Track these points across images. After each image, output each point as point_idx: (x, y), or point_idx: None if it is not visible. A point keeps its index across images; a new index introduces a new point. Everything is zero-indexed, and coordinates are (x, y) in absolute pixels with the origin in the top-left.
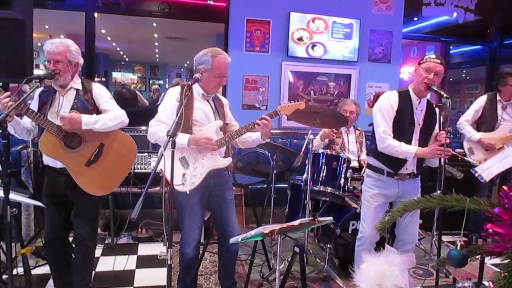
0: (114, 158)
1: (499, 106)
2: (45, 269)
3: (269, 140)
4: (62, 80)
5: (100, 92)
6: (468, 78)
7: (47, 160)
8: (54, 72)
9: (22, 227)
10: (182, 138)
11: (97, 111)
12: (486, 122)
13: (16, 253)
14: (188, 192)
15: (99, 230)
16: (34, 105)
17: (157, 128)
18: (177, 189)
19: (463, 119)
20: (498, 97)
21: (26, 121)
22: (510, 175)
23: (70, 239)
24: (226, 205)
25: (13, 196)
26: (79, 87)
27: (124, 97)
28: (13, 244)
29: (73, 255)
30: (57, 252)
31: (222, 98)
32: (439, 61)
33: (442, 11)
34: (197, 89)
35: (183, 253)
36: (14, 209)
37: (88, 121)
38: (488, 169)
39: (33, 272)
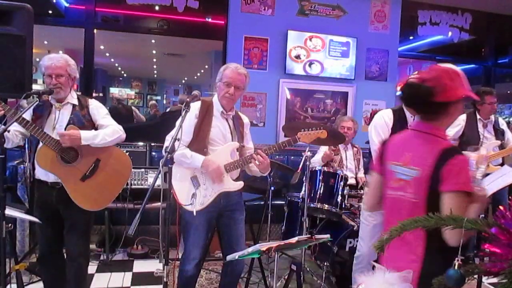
0: (109, 174)
1: (479, 124)
2: (39, 286)
3: (267, 172)
4: (62, 94)
5: (97, 108)
6: None
7: (39, 174)
8: (56, 86)
9: (16, 243)
10: (196, 159)
11: (93, 126)
12: (469, 141)
13: (10, 269)
14: (195, 214)
15: (94, 246)
16: (26, 117)
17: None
18: (184, 208)
19: None
20: (478, 116)
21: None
22: (500, 193)
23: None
24: (236, 226)
25: (8, 211)
26: (76, 102)
27: (119, 113)
28: (7, 259)
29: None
30: (50, 267)
31: (243, 117)
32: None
33: (438, 30)
34: (216, 105)
35: (183, 270)
36: (10, 224)
37: (87, 136)
38: (484, 187)
39: None
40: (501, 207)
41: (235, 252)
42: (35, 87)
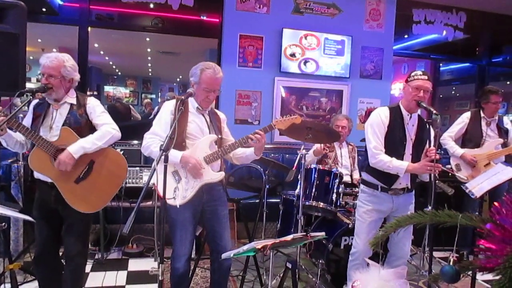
0: (104, 176)
1: (483, 122)
2: (33, 285)
3: (261, 155)
4: (54, 95)
5: (94, 106)
6: (457, 95)
7: (38, 174)
8: (47, 87)
9: (10, 242)
10: (175, 156)
11: (90, 125)
12: (471, 139)
13: (4, 269)
14: (178, 206)
15: (89, 245)
16: (28, 118)
17: (151, 141)
18: (168, 203)
19: (446, 135)
20: (482, 114)
21: (19, 134)
22: (499, 191)
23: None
24: (219, 220)
25: (2, 210)
26: (74, 101)
27: (118, 111)
28: (1, 259)
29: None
30: (46, 267)
31: (219, 113)
32: (426, 77)
33: (432, 29)
34: (192, 102)
35: (174, 268)
36: (3, 223)
37: (77, 149)
38: (478, 185)
39: None
40: (496, 204)
41: (220, 247)
42: (28, 85)
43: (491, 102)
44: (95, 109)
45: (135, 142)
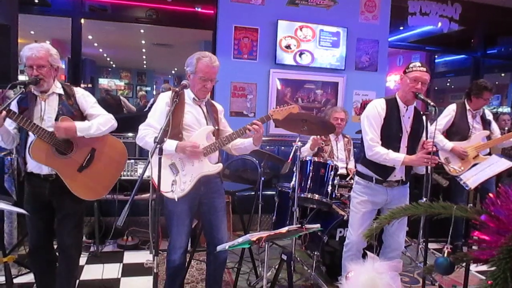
0: (105, 163)
1: (469, 115)
2: (28, 278)
3: (260, 145)
4: (45, 85)
5: (84, 97)
6: (452, 87)
7: (32, 167)
8: (38, 78)
9: (4, 235)
10: (170, 145)
11: (82, 116)
12: (458, 132)
13: None
14: (177, 200)
15: (84, 238)
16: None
17: (146, 132)
18: (166, 196)
19: (434, 129)
20: (468, 106)
21: (11, 128)
22: (490, 183)
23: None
24: (216, 213)
25: None
26: (61, 91)
27: (108, 104)
28: None
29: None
30: (41, 260)
31: (216, 104)
32: (425, 69)
33: (427, 21)
34: (188, 93)
35: (170, 260)
36: None
37: (82, 128)
38: (472, 177)
39: (15, 281)
40: (490, 195)
41: (216, 239)
42: (21, 78)
43: (483, 98)
44: (87, 99)
45: (130, 134)
